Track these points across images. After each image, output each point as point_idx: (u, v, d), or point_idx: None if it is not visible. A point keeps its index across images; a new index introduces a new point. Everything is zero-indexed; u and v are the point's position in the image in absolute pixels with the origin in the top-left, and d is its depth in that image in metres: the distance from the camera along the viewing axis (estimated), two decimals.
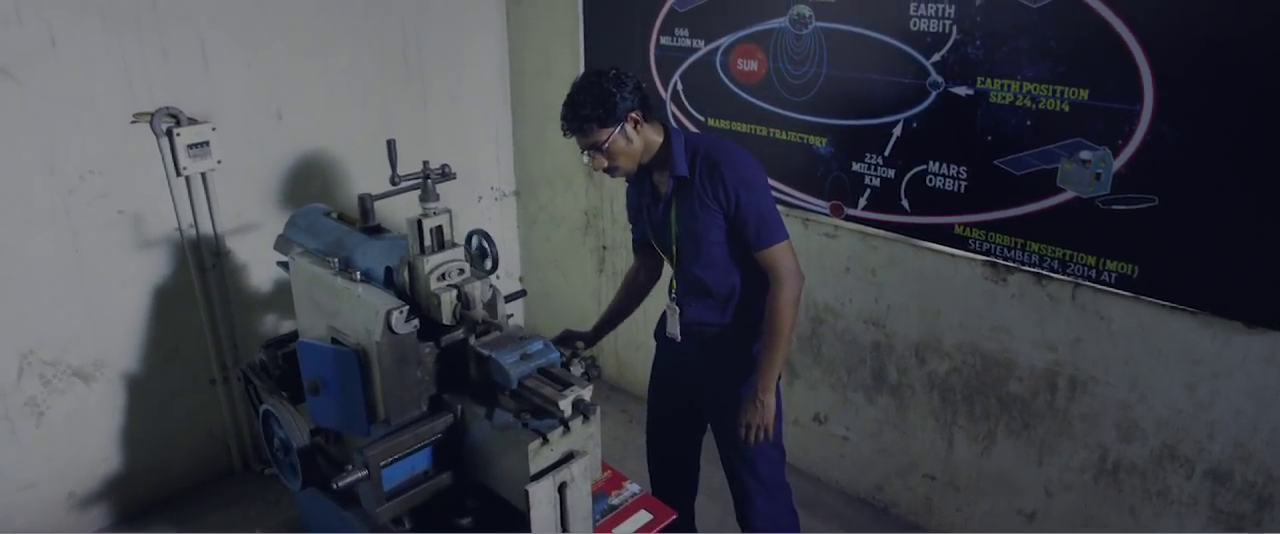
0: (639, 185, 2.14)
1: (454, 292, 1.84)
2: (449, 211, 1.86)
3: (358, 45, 3.11)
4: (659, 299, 2.30)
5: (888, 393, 2.76)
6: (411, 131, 3.34)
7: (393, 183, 1.85)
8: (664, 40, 3.01)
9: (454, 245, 1.89)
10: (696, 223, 1.98)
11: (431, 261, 1.83)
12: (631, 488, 2.16)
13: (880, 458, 2.86)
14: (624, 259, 3.50)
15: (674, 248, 2.07)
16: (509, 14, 3.55)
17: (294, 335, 2.28)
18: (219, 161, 2.78)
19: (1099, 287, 2.17)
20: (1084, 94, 2.06)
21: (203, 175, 2.78)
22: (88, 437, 2.79)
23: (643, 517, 2.07)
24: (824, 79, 2.58)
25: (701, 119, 2.97)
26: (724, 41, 2.80)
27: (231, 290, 2.98)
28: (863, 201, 2.60)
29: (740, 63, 2.78)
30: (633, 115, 1.93)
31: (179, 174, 2.72)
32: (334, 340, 1.96)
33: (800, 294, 1.99)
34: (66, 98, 2.47)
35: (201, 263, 2.88)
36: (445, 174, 1.89)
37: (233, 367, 3.03)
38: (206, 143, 2.74)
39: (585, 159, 2.00)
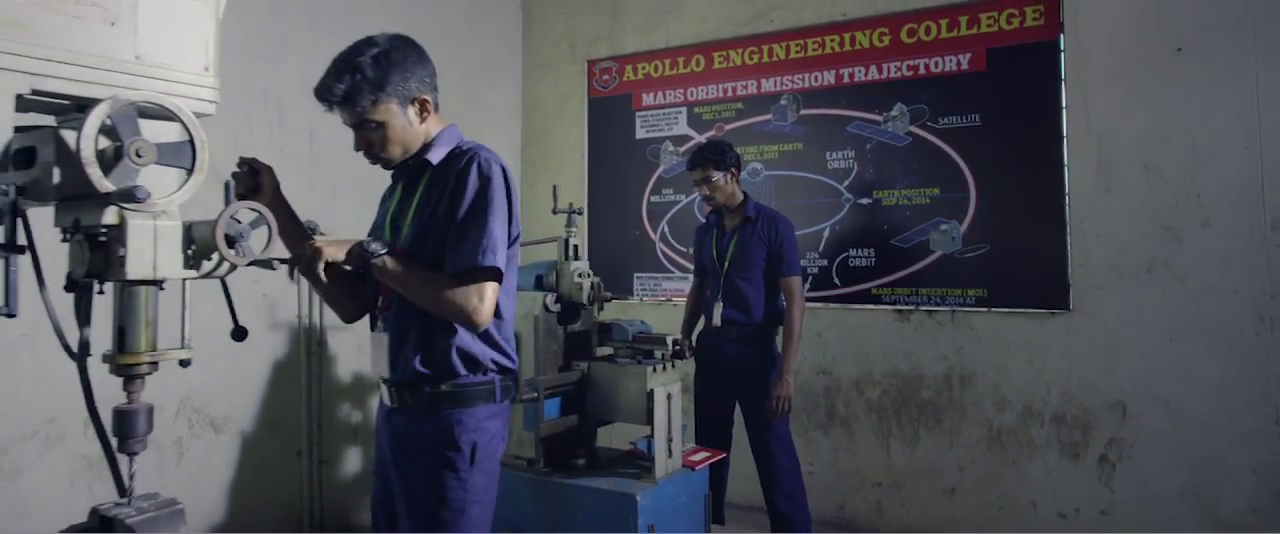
0: (717, 221, 3.30)
1: (589, 281, 2.85)
2: (579, 237, 2.94)
3: None
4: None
5: (839, 424, 3.79)
6: None
7: (553, 212, 2.94)
8: (653, 198, 4.33)
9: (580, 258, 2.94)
10: (749, 249, 3.17)
11: (574, 265, 2.86)
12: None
13: (839, 481, 3.80)
14: None
15: (727, 264, 3.20)
16: (524, 196, 4.81)
17: None
18: None
19: (966, 309, 3.45)
20: (937, 191, 3.50)
21: None
22: (210, 483, 3.30)
23: (701, 454, 2.95)
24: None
25: (683, 249, 4.22)
26: (698, 194, 4.15)
27: (324, 375, 3.72)
28: (808, 286, 3.83)
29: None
30: (733, 170, 3.19)
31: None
32: None
33: (804, 306, 3.15)
34: None
35: (309, 348, 3.65)
36: (579, 211, 3.01)
37: (315, 444, 3.67)
38: None
39: (695, 184, 3.22)
